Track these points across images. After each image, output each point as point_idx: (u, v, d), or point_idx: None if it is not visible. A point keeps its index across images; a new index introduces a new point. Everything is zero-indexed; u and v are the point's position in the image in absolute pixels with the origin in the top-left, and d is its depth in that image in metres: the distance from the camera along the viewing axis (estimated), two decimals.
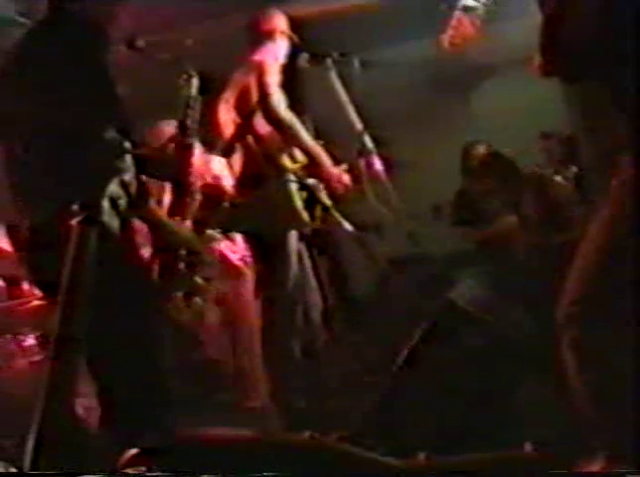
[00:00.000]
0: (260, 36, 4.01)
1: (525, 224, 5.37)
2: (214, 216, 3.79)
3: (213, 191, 3.83)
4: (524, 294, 5.13)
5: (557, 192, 4.93)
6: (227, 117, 3.93)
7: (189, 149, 3.11)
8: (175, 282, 3.42)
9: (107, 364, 2.52)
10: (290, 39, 4.06)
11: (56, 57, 2.58)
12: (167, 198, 3.56)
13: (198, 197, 3.64)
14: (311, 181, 3.95)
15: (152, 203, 3.14)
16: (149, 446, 2.26)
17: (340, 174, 4.04)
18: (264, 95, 3.81)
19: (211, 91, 3.71)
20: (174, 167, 3.06)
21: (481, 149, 5.90)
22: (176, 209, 3.43)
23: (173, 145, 3.14)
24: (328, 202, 3.99)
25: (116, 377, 2.54)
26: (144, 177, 2.80)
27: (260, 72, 3.86)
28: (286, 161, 3.91)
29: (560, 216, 4.80)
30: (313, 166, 3.98)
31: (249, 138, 3.86)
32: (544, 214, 4.95)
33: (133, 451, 2.20)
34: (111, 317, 2.48)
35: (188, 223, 3.52)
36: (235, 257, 4.11)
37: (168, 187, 3.47)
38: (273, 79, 3.89)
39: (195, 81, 3.14)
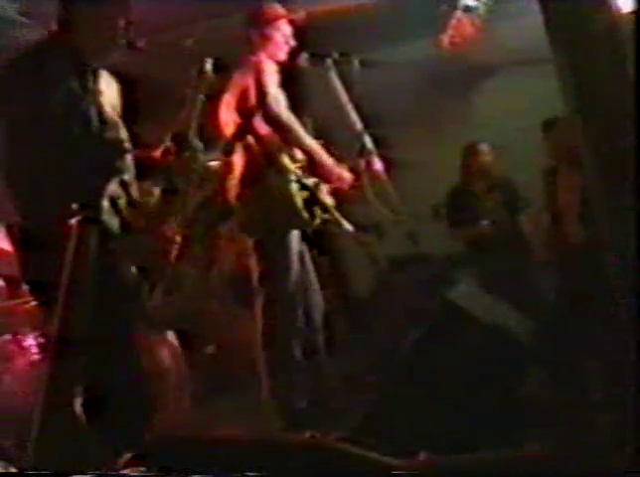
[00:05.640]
0: (259, 34, 4.01)
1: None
2: (205, 216, 3.78)
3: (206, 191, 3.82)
4: (524, 294, 5.14)
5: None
6: (227, 118, 3.93)
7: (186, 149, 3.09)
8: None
9: (99, 364, 2.51)
10: (290, 37, 4.06)
11: (48, 72, 2.62)
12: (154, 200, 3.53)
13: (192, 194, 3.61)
14: (311, 180, 3.95)
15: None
16: (145, 447, 2.27)
17: (341, 172, 4.04)
18: (262, 96, 3.80)
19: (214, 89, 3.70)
20: (170, 171, 3.04)
21: (484, 148, 5.93)
22: (164, 211, 3.41)
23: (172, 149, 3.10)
24: (328, 202, 3.98)
25: (108, 377, 2.53)
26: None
27: (258, 72, 3.85)
28: (286, 161, 3.90)
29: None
30: (313, 165, 3.98)
31: (250, 138, 3.85)
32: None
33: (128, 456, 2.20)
34: (103, 318, 2.48)
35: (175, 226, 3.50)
36: None
37: (157, 190, 3.45)
38: (271, 78, 3.88)
39: (209, 71, 3.11)
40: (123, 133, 2.87)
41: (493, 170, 5.93)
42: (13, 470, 2.71)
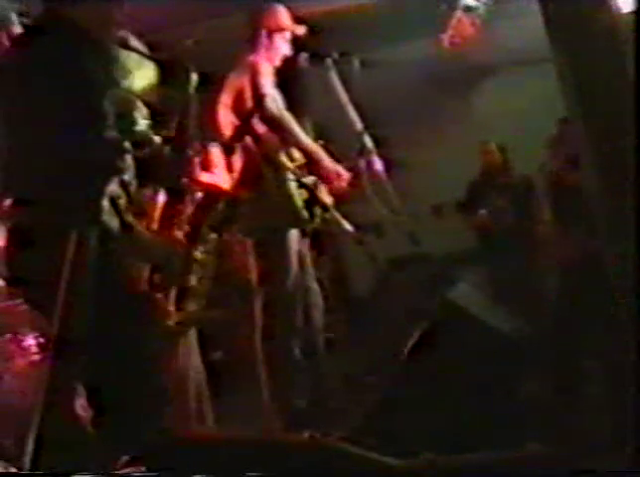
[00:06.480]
0: (267, 36, 4.01)
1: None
2: (209, 217, 3.77)
3: (209, 191, 3.80)
4: (523, 294, 5.14)
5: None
6: (226, 119, 3.93)
7: (185, 149, 3.08)
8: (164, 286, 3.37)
9: (98, 365, 2.50)
10: (291, 38, 4.05)
11: (46, 60, 2.57)
12: (159, 204, 3.53)
13: (195, 198, 3.61)
14: (310, 179, 3.95)
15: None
16: (145, 447, 2.27)
17: (339, 171, 4.04)
18: (258, 97, 3.81)
19: (209, 91, 3.69)
20: (170, 170, 3.03)
21: (491, 147, 6.01)
22: (169, 215, 3.41)
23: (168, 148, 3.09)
24: (328, 201, 3.98)
25: (107, 378, 2.52)
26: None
27: (254, 73, 3.86)
28: (284, 159, 3.90)
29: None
30: (312, 164, 3.98)
31: (248, 138, 3.85)
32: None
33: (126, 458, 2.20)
34: (104, 319, 2.47)
35: (182, 228, 3.48)
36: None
37: (161, 192, 3.44)
38: (267, 79, 3.89)
39: (194, 80, 3.11)
40: (142, 122, 2.83)
41: (506, 169, 6.00)
42: (13, 470, 2.71)
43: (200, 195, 3.62)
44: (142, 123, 2.79)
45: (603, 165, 2.62)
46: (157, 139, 2.86)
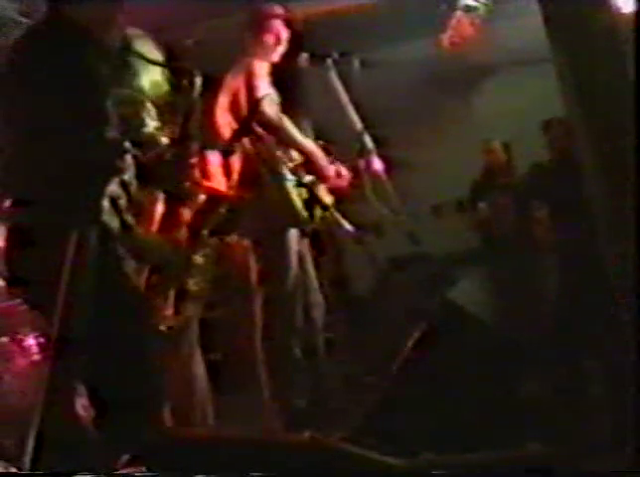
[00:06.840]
0: (252, 36, 4.01)
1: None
2: (209, 221, 3.78)
3: (210, 195, 3.80)
4: (523, 294, 5.14)
5: None
6: (224, 121, 3.93)
7: (187, 153, 3.07)
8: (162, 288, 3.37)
9: (98, 365, 2.50)
10: (284, 38, 4.06)
11: (48, 60, 2.57)
12: (160, 207, 3.53)
13: (195, 203, 3.61)
14: (309, 179, 3.95)
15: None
16: (145, 447, 2.27)
17: (339, 171, 4.04)
18: (255, 100, 3.81)
19: (210, 93, 3.69)
20: (170, 175, 3.03)
21: (495, 146, 6.03)
22: (169, 218, 3.40)
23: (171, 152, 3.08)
24: (328, 200, 3.98)
25: (107, 377, 2.52)
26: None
27: (249, 74, 3.86)
28: (282, 160, 3.90)
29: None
30: (311, 164, 3.98)
31: (246, 139, 3.85)
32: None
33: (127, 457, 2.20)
34: (104, 319, 2.47)
35: (182, 231, 3.48)
36: None
37: (161, 196, 3.44)
38: (262, 80, 3.89)
39: (198, 84, 3.10)
40: (150, 123, 2.82)
41: (509, 167, 6.01)
42: (13, 470, 2.71)
43: (201, 198, 3.63)
44: (150, 124, 2.80)
45: (603, 165, 2.62)
46: (164, 140, 2.86)
